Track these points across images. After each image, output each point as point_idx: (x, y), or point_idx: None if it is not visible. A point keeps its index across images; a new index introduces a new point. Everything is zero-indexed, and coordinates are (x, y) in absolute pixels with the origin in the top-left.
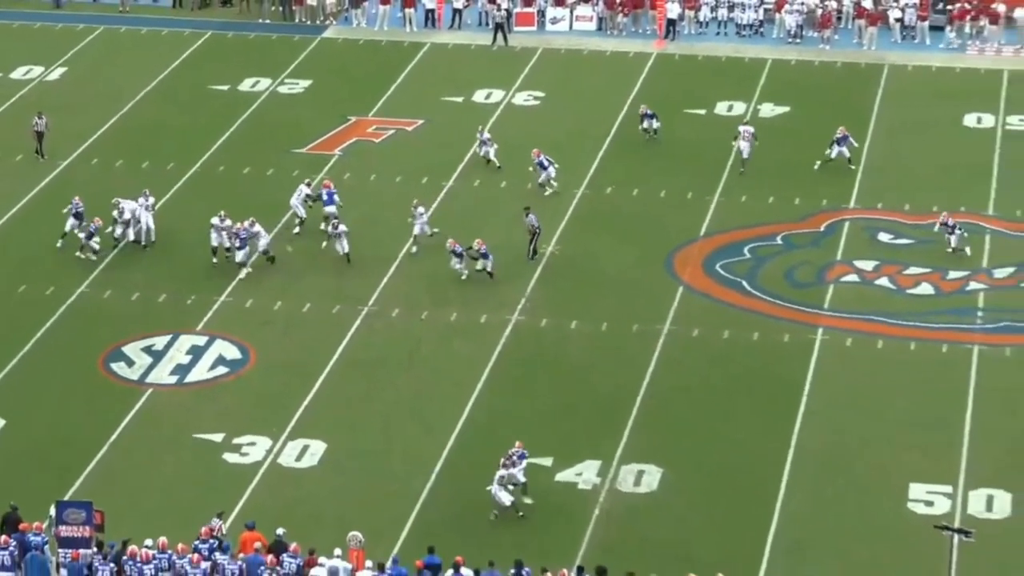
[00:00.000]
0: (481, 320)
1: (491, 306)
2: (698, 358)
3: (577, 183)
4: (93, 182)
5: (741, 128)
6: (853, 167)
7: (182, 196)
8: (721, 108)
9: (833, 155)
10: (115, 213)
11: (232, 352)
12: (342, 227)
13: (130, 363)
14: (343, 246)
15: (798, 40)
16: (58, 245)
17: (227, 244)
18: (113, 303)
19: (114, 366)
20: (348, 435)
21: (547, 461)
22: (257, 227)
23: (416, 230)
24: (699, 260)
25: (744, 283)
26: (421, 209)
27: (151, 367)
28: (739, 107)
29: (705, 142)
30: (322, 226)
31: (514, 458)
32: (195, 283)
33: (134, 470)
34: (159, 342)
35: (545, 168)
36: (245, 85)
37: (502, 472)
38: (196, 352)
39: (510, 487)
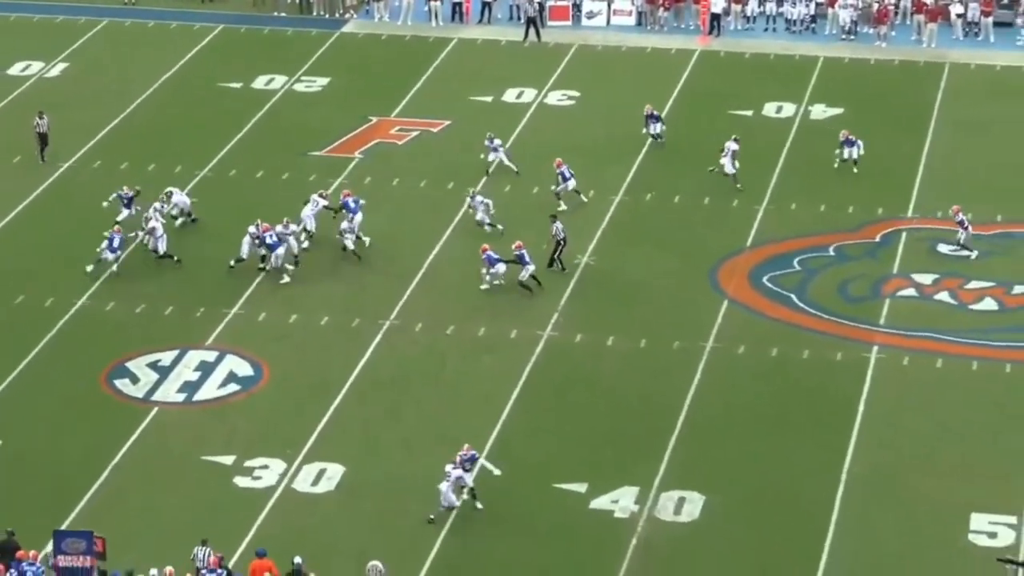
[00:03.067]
0: (511, 335)
1: (522, 320)
2: (744, 377)
3: (614, 189)
4: (96, 186)
5: (727, 144)
6: (856, 171)
7: (192, 202)
8: (769, 109)
9: (846, 156)
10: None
11: (244, 368)
12: (344, 224)
13: (135, 380)
14: (351, 242)
15: (852, 37)
16: (88, 269)
17: (260, 253)
18: (117, 315)
19: (118, 383)
20: (368, 458)
21: (581, 487)
22: (292, 227)
23: (478, 216)
24: (745, 272)
25: (794, 297)
26: (480, 197)
27: (157, 384)
28: (789, 108)
29: (752, 146)
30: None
31: (465, 462)
32: (205, 295)
33: (138, 494)
34: (166, 358)
35: (567, 179)
36: (259, 83)
37: (458, 474)
38: (205, 368)
39: (463, 489)
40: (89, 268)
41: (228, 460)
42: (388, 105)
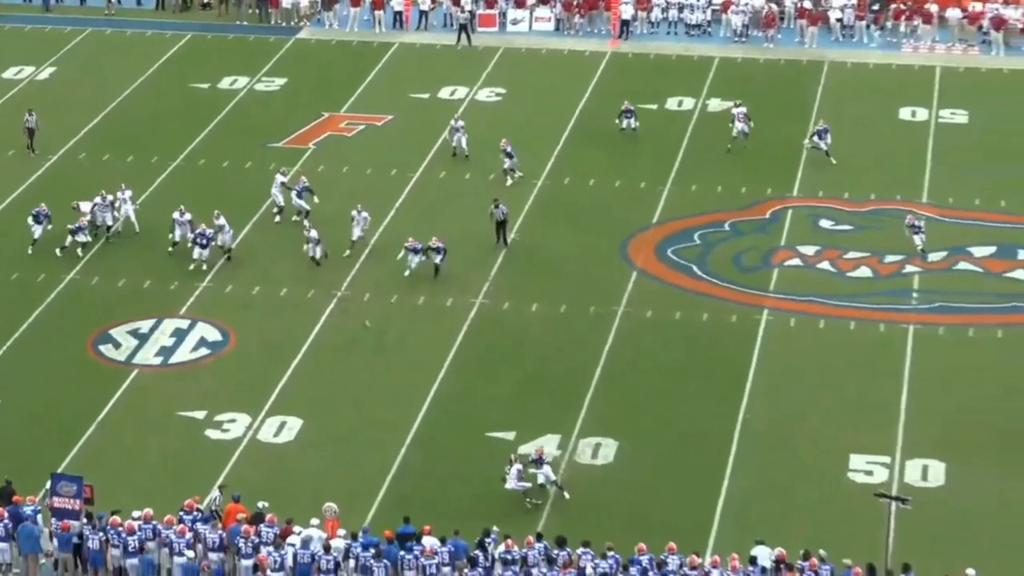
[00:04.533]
0: (447, 304)
1: (457, 290)
2: (651, 338)
3: (537, 174)
4: (81, 175)
5: (735, 111)
6: (833, 160)
7: (165, 188)
8: (672, 103)
9: (820, 145)
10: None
11: (213, 335)
12: (313, 232)
13: (117, 345)
14: (316, 251)
15: (744, 39)
16: (57, 252)
17: (189, 238)
18: (101, 289)
19: (102, 348)
20: (323, 412)
21: (510, 435)
22: (222, 220)
23: (355, 235)
24: (652, 246)
25: (694, 267)
26: (365, 213)
27: (137, 349)
28: (688, 102)
29: (657, 135)
30: (294, 217)
31: (533, 462)
32: (178, 270)
33: (122, 446)
34: (144, 326)
35: (512, 157)
36: (224, 83)
37: (518, 467)
38: (179, 335)
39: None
40: (57, 251)
41: (200, 415)
42: (338, 102)
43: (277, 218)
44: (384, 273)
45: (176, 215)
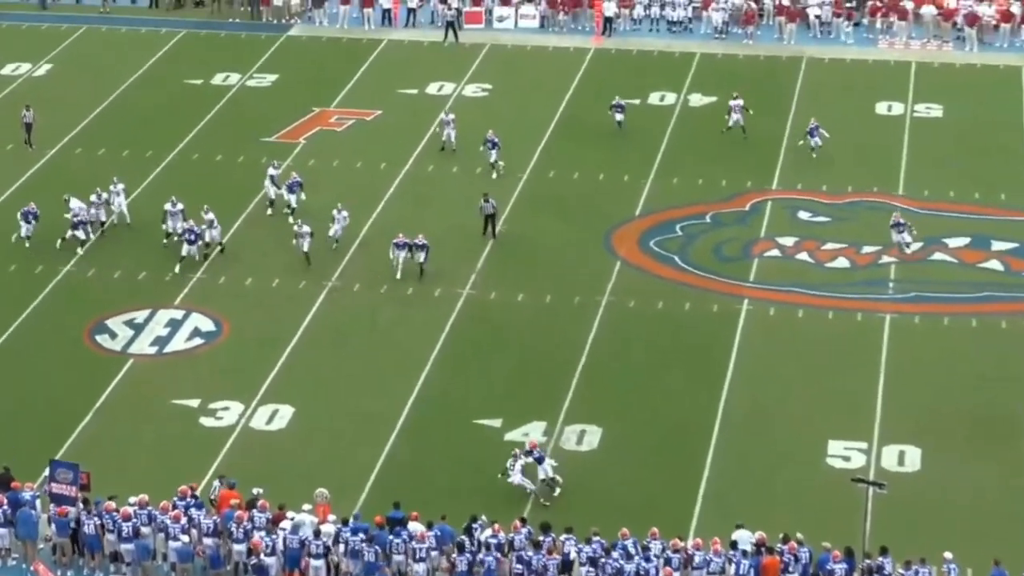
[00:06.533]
0: (435, 294)
1: (444, 281)
2: (634, 327)
3: (522, 167)
4: (78, 169)
5: (732, 103)
6: (815, 156)
7: (160, 182)
8: (654, 98)
9: (813, 143)
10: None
11: (207, 325)
12: (306, 227)
13: (113, 335)
14: (304, 246)
15: (724, 36)
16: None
17: (180, 229)
18: (97, 281)
19: (98, 338)
20: (314, 400)
21: (496, 422)
22: (211, 215)
23: (332, 231)
24: (635, 237)
25: (676, 258)
26: (344, 212)
27: (132, 339)
28: (670, 97)
29: (640, 129)
30: (285, 210)
31: (533, 457)
32: (173, 262)
33: (118, 434)
34: (140, 316)
35: (496, 147)
36: (217, 79)
37: (523, 462)
38: (174, 325)
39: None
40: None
41: (194, 403)
42: (328, 97)
43: (269, 211)
44: (374, 264)
45: (168, 206)
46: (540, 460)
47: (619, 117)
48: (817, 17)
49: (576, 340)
